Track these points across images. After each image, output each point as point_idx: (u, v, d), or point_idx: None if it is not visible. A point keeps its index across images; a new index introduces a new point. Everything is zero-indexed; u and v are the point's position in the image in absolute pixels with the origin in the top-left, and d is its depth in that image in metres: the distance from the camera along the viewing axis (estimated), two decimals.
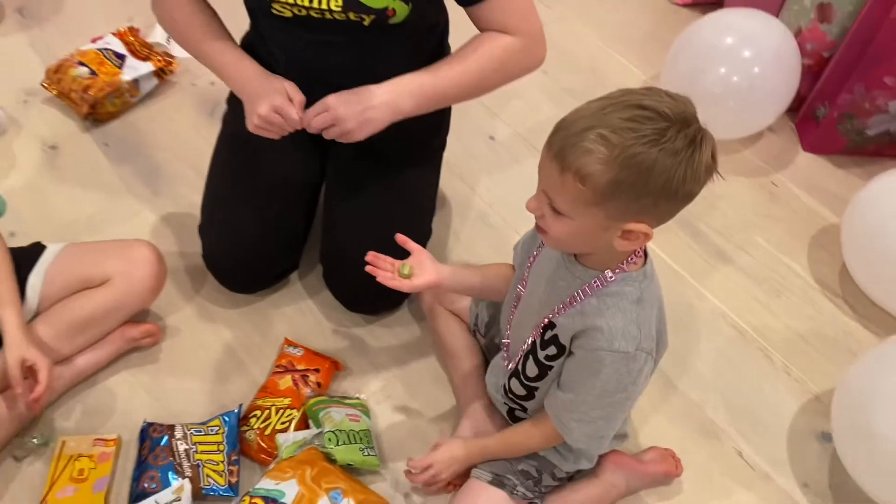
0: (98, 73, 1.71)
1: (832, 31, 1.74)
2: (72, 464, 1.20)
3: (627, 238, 0.90)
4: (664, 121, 0.83)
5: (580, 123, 0.85)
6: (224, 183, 1.40)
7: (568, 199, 0.87)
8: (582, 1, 2.21)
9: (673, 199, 0.87)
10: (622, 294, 0.97)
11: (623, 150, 0.82)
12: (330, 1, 1.14)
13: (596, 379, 0.99)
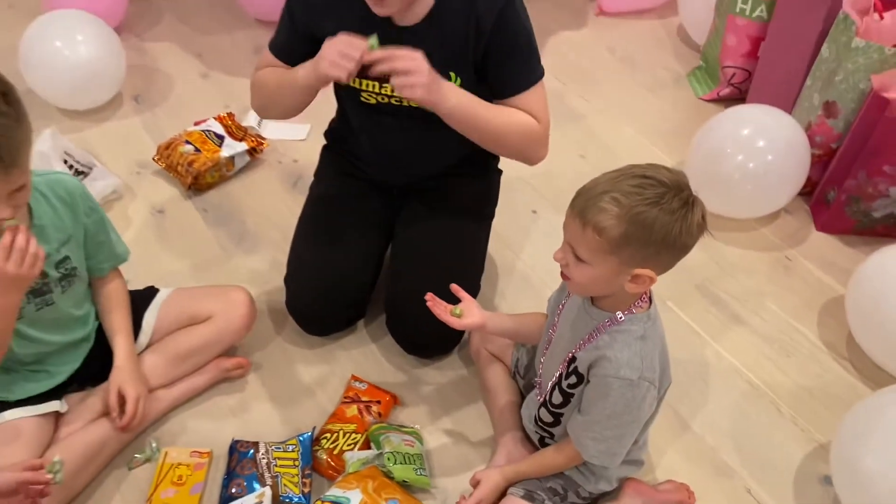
0: (201, 150, 2.03)
1: (838, 125, 1.96)
2: (173, 471, 1.43)
3: (636, 282, 1.12)
4: (663, 187, 1.07)
5: (597, 189, 1.09)
6: (307, 243, 1.66)
7: (588, 248, 1.11)
8: (618, 96, 2.49)
9: (672, 249, 1.10)
10: (629, 331, 1.18)
11: (630, 209, 1.06)
12: None
13: (606, 401, 1.19)
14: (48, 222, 1.32)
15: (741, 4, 2.26)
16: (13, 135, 1.13)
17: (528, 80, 1.45)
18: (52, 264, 1.34)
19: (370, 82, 1.45)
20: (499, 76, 1.45)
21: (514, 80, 1.45)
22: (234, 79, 2.46)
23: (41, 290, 1.34)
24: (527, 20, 1.44)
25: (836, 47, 1.91)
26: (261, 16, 2.69)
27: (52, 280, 1.35)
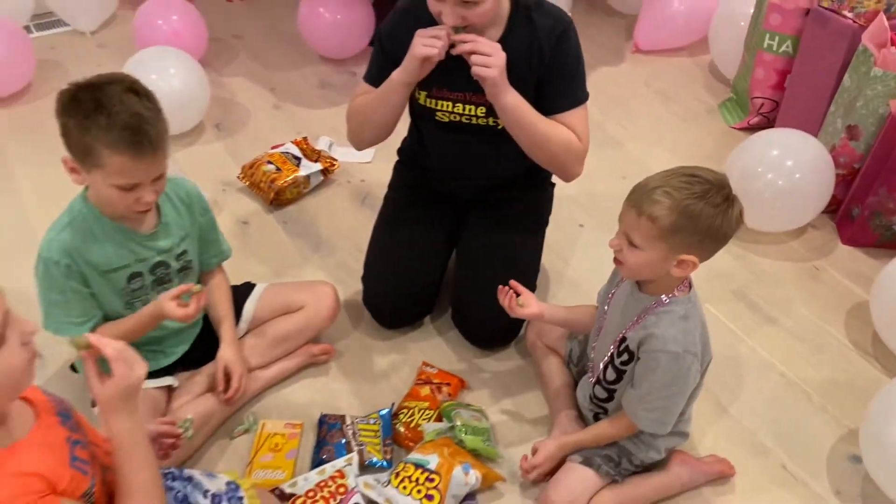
0: (282, 170, 2.26)
1: (860, 146, 2.15)
2: (270, 439, 1.63)
3: (681, 266, 1.31)
4: (708, 184, 1.27)
5: (651, 184, 1.30)
6: (382, 245, 1.87)
7: (642, 235, 1.30)
8: (654, 125, 2.70)
9: (714, 238, 1.29)
10: (673, 312, 1.37)
11: (680, 202, 1.26)
12: (477, 110, 1.65)
13: (655, 375, 1.38)
14: (171, 220, 1.55)
15: (769, 41, 2.48)
16: (158, 125, 1.34)
17: (573, 101, 1.65)
18: (174, 256, 1.56)
19: (445, 102, 1.68)
20: (547, 95, 1.64)
21: (561, 100, 1.65)
22: (303, 109, 2.71)
23: (163, 279, 1.56)
24: (578, 47, 1.66)
25: (857, 77, 2.11)
26: (325, 53, 2.96)
27: (172, 270, 1.57)
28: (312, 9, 2.83)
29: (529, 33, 1.60)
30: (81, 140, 1.31)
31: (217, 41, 3.04)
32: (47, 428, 1.04)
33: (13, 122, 2.56)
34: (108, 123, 1.29)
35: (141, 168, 1.34)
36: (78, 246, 1.42)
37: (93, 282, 1.46)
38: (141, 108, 1.32)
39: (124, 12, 3.20)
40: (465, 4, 1.47)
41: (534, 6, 1.61)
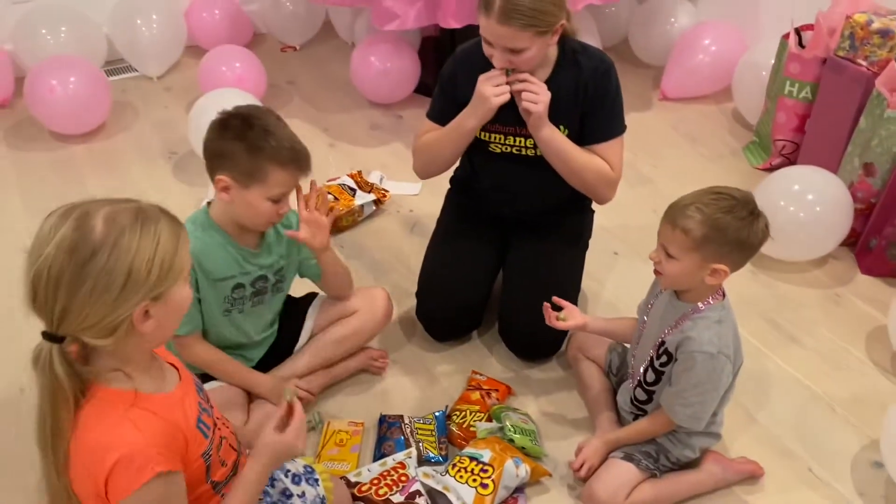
0: (339, 199, 2.46)
1: (876, 182, 2.31)
2: (335, 435, 1.78)
3: (714, 275, 1.48)
4: (734, 200, 1.45)
5: (684, 201, 1.48)
6: (435, 263, 2.04)
7: (677, 246, 1.47)
8: (682, 165, 2.88)
9: (741, 248, 1.47)
10: (708, 317, 1.53)
11: (710, 216, 1.44)
12: (527, 142, 1.84)
13: (692, 373, 1.53)
14: (272, 241, 1.73)
15: (789, 87, 2.66)
16: (306, 150, 1.61)
17: (609, 133, 1.85)
18: (273, 272, 1.74)
19: (498, 135, 1.87)
20: (589, 126, 1.84)
21: (598, 131, 1.84)
22: (355, 148, 2.93)
23: (261, 291, 1.74)
24: (618, 85, 1.86)
25: (872, 119, 2.28)
26: (375, 99, 3.19)
27: (269, 284, 1.75)
28: (364, 58, 3.08)
29: (576, 73, 1.80)
30: (252, 161, 1.53)
31: (273, 87, 3.28)
32: (187, 390, 1.23)
33: (92, 156, 2.81)
34: (277, 145, 1.53)
35: (294, 181, 1.60)
36: (196, 254, 1.59)
37: (202, 288, 1.64)
38: (290, 132, 1.60)
39: (187, 59, 3.47)
40: (512, 52, 1.68)
41: (580, 50, 1.82)
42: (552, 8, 1.64)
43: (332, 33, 3.78)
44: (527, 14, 1.60)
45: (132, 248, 1.04)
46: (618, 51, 3.66)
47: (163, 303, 1.09)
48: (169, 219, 1.12)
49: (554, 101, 1.75)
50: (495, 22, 1.63)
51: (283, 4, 3.56)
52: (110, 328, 1.05)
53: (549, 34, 1.68)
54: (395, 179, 2.70)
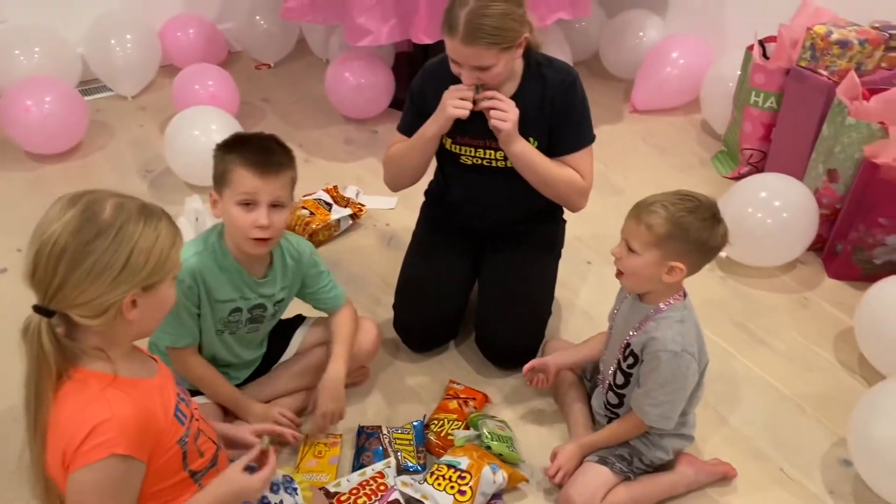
0: (315, 214, 2.48)
1: (839, 188, 2.38)
2: (314, 447, 1.79)
3: (671, 273, 1.52)
4: (698, 202, 1.49)
5: (650, 199, 1.53)
6: (411, 275, 2.07)
7: (640, 241, 1.52)
8: (652, 175, 2.93)
9: (700, 250, 1.52)
10: (670, 317, 1.57)
11: (674, 214, 1.49)
12: (497, 154, 1.88)
13: (658, 372, 1.57)
14: (278, 271, 1.73)
15: (755, 97, 2.74)
16: (285, 159, 1.59)
17: (578, 143, 1.89)
18: (272, 302, 1.74)
19: (468, 148, 1.91)
20: (558, 138, 1.88)
21: (568, 143, 1.89)
22: (330, 163, 2.96)
23: (257, 319, 1.75)
24: (584, 97, 1.89)
25: (834, 126, 2.35)
26: (349, 114, 3.22)
27: (267, 314, 1.76)
28: (338, 74, 3.11)
29: (542, 86, 1.84)
30: (221, 165, 1.56)
31: (246, 104, 3.30)
32: (166, 380, 1.27)
33: (68, 175, 2.80)
34: (242, 148, 1.55)
35: (258, 184, 1.53)
36: (203, 272, 1.61)
37: (203, 305, 1.65)
38: (275, 146, 1.59)
39: (162, 78, 3.48)
40: (480, 69, 1.72)
41: (545, 63, 1.86)
42: (514, 24, 1.68)
43: (306, 50, 3.82)
44: (490, 33, 1.65)
45: (135, 236, 1.12)
46: (588, 65, 3.74)
47: (150, 295, 1.16)
48: (168, 220, 1.19)
49: (522, 114, 1.79)
50: (460, 43, 1.67)
51: (257, 23, 3.59)
52: (100, 309, 1.11)
53: (513, 49, 1.72)
54: (370, 194, 2.73)
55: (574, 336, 2.13)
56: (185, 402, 1.29)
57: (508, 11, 1.67)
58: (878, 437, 1.62)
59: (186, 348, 1.68)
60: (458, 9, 1.66)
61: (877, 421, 1.64)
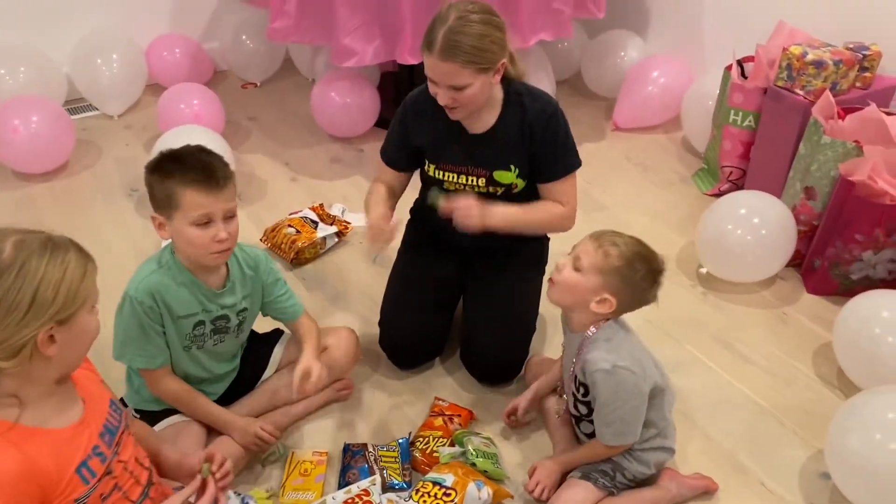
0: (301, 232, 2.50)
1: (817, 205, 2.42)
2: (300, 465, 1.80)
3: (601, 304, 1.58)
4: (655, 260, 1.60)
5: (617, 234, 1.61)
6: (397, 292, 2.09)
7: (590, 262, 1.57)
8: (635, 192, 2.98)
9: (633, 296, 1.59)
10: (597, 339, 1.62)
11: (630, 256, 1.56)
12: (478, 180, 1.91)
13: (598, 392, 1.60)
14: (237, 281, 1.75)
15: (733, 116, 2.79)
16: (224, 168, 1.58)
17: (562, 171, 1.93)
18: (235, 312, 1.76)
19: (450, 174, 1.95)
20: (541, 166, 1.92)
21: (552, 171, 1.93)
22: (317, 181, 2.98)
23: (222, 330, 1.76)
24: (566, 127, 1.92)
25: (811, 145, 2.40)
26: (335, 133, 3.25)
27: (232, 325, 1.77)
28: (324, 93, 3.14)
29: (521, 116, 1.87)
30: (163, 189, 1.55)
31: (232, 123, 3.32)
32: (83, 431, 1.22)
33: (54, 194, 2.81)
34: (181, 169, 1.54)
35: (211, 201, 1.54)
36: (161, 290, 1.62)
37: (166, 324, 1.66)
38: (210, 158, 1.59)
39: (148, 97, 3.50)
40: (455, 89, 1.75)
41: (525, 92, 1.89)
42: (493, 46, 1.72)
43: (292, 70, 3.85)
44: (468, 51, 1.69)
45: (40, 271, 1.10)
46: (571, 84, 3.79)
47: (67, 328, 1.14)
48: (77, 250, 1.17)
49: (503, 143, 1.85)
50: (437, 59, 1.71)
51: (243, 42, 3.62)
52: (12, 351, 1.09)
53: (490, 72, 1.75)
54: (356, 211, 2.75)
55: (557, 353, 2.15)
56: (103, 456, 1.24)
57: (488, 33, 1.71)
58: (854, 449, 1.65)
59: (161, 369, 1.69)
60: (439, 26, 1.71)
61: (852, 433, 1.67)
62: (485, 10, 1.74)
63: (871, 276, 2.37)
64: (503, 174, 1.91)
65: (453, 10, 1.72)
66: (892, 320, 1.96)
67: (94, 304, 1.19)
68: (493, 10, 1.77)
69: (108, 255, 1.63)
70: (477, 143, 1.89)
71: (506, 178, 1.91)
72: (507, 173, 1.91)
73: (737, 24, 3.20)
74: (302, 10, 2.76)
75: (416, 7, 2.63)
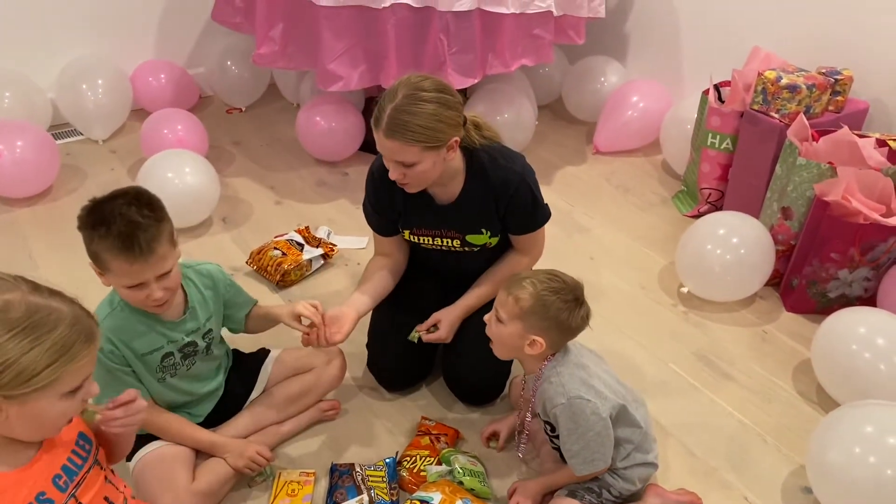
0: (287, 254, 2.52)
1: (794, 225, 2.48)
2: (287, 486, 1.80)
3: (531, 346, 1.62)
4: (564, 284, 1.62)
5: (523, 276, 1.65)
6: (383, 317, 2.10)
7: (507, 311, 1.62)
8: (615, 213, 3.03)
9: (559, 328, 1.62)
10: (546, 377, 1.67)
11: (539, 292, 1.60)
12: (454, 242, 1.97)
13: (560, 426, 1.64)
14: (197, 304, 1.75)
15: (711, 139, 2.85)
16: (150, 231, 1.49)
17: (530, 227, 1.99)
18: (201, 335, 1.77)
19: (425, 237, 1.99)
20: (511, 225, 1.97)
21: (522, 228, 1.98)
22: (302, 205, 3.00)
23: (191, 354, 1.76)
24: (533, 186, 1.92)
25: (786, 166, 2.46)
26: (321, 157, 3.28)
27: (200, 348, 1.78)
28: (309, 118, 3.17)
29: (484, 186, 1.89)
30: (91, 249, 1.52)
31: (217, 148, 3.34)
32: (26, 477, 1.19)
33: (37, 220, 2.80)
34: (105, 233, 1.48)
35: (137, 270, 1.50)
36: (119, 333, 1.61)
37: (133, 363, 1.66)
38: (137, 217, 1.49)
39: (133, 122, 3.51)
40: (404, 165, 1.76)
41: (487, 162, 1.88)
42: (441, 126, 1.70)
43: (277, 95, 3.88)
44: (412, 129, 1.67)
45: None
46: (552, 108, 3.85)
47: (17, 405, 1.11)
48: (72, 332, 1.13)
49: (469, 210, 1.91)
50: (383, 136, 1.71)
51: (228, 68, 3.65)
52: None
53: (440, 149, 1.74)
54: (342, 234, 2.78)
55: None
56: (52, 502, 1.20)
57: (436, 113, 1.69)
58: (834, 463, 1.68)
59: None
60: (387, 103, 1.70)
61: (831, 448, 1.70)
62: (437, 87, 1.72)
63: (847, 294, 2.42)
64: (476, 237, 1.96)
65: (402, 87, 1.70)
66: (868, 337, 2.01)
67: (65, 392, 1.14)
68: (447, 87, 1.74)
69: (94, 283, 1.63)
70: (446, 211, 1.92)
71: (479, 240, 1.97)
72: (480, 236, 1.96)
73: (713, 50, 3.28)
74: (287, 35, 2.80)
75: (399, 32, 2.68)
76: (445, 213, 1.92)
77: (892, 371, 1.94)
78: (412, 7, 2.63)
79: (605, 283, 2.57)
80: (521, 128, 3.27)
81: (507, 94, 3.26)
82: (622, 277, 2.60)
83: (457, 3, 2.61)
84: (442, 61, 2.72)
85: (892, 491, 1.60)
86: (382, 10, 2.62)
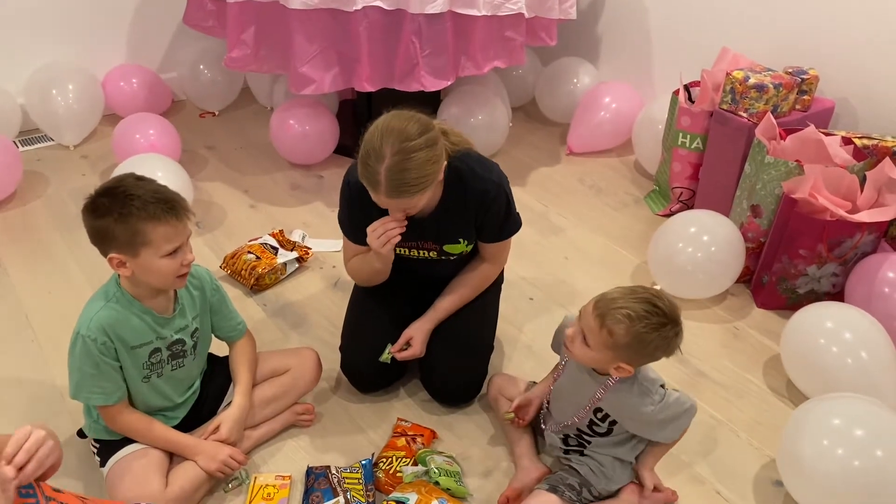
0: (261, 258, 2.51)
1: (763, 223, 2.52)
2: (262, 489, 1.80)
3: (618, 370, 1.61)
4: (666, 318, 1.55)
5: (618, 303, 1.55)
6: (357, 318, 2.11)
7: (597, 341, 1.58)
8: (589, 214, 3.05)
9: (650, 358, 1.62)
10: (628, 388, 1.66)
11: (638, 330, 1.53)
12: (431, 252, 1.98)
13: (649, 422, 1.69)
14: (186, 303, 1.76)
15: (682, 139, 2.88)
16: (174, 193, 1.59)
17: (503, 235, 2.00)
18: (189, 334, 1.77)
19: (403, 249, 1.98)
20: (483, 232, 1.98)
21: (493, 236, 1.99)
22: (277, 208, 2.99)
23: (179, 354, 1.76)
24: (508, 196, 1.93)
25: (755, 164, 2.50)
26: (295, 160, 3.27)
27: (188, 347, 1.78)
28: (283, 121, 3.16)
29: (461, 192, 1.89)
30: (126, 229, 1.53)
31: (189, 152, 3.32)
32: None
33: (7, 224, 2.77)
34: (141, 205, 1.52)
35: (181, 229, 1.59)
36: (113, 324, 1.62)
37: (121, 356, 1.66)
38: (156, 185, 1.59)
39: (104, 127, 3.48)
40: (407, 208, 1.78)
41: (465, 171, 1.88)
42: (434, 167, 1.70)
43: (250, 99, 3.87)
44: (413, 184, 1.67)
45: None
46: (526, 110, 3.88)
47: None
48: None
49: (447, 220, 1.91)
50: (384, 197, 1.70)
51: (201, 72, 3.63)
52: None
53: (437, 181, 1.76)
54: (316, 237, 2.77)
55: (518, 370, 2.20)
56: None
57: (429, 157, 1.67)
58: (803, 455, 1.71)
59: (119, 404, 1.69)
60: (376, 164, 1.65)
61: (801, 441, 1.73)
62: (420, 129, 1.68)
63: (816, 289, 2.46)
64: (453, 247, 1.97)
65: (387, 143, 1.64)
66: (835, 331, 2.04)
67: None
68: (425, 122, 1.71)
69: (66, 285, 1.62)
70: (424, 224, 1.92)
71: (456, 249, 1.98)
72: (457, 245, 1.97)
73: (683, 51, 3.32)
74: (259, 39, 2.79)
75: (372, 35, 2.68)
76: (423, 225, 1.91)
77: (859, 364, 1.98)
78: (384, 10, 2.63)
79: (579, 283, 2.59)
80: (494, 130, 3.28)
81: (480, 96, 3.28)
82: (596, 277, 2.62)
83: (429, 6, 2.62)
84: (414, 63, 2.73)
85: (860, 482, 1.63)
86: (354, 13, 2.62)
